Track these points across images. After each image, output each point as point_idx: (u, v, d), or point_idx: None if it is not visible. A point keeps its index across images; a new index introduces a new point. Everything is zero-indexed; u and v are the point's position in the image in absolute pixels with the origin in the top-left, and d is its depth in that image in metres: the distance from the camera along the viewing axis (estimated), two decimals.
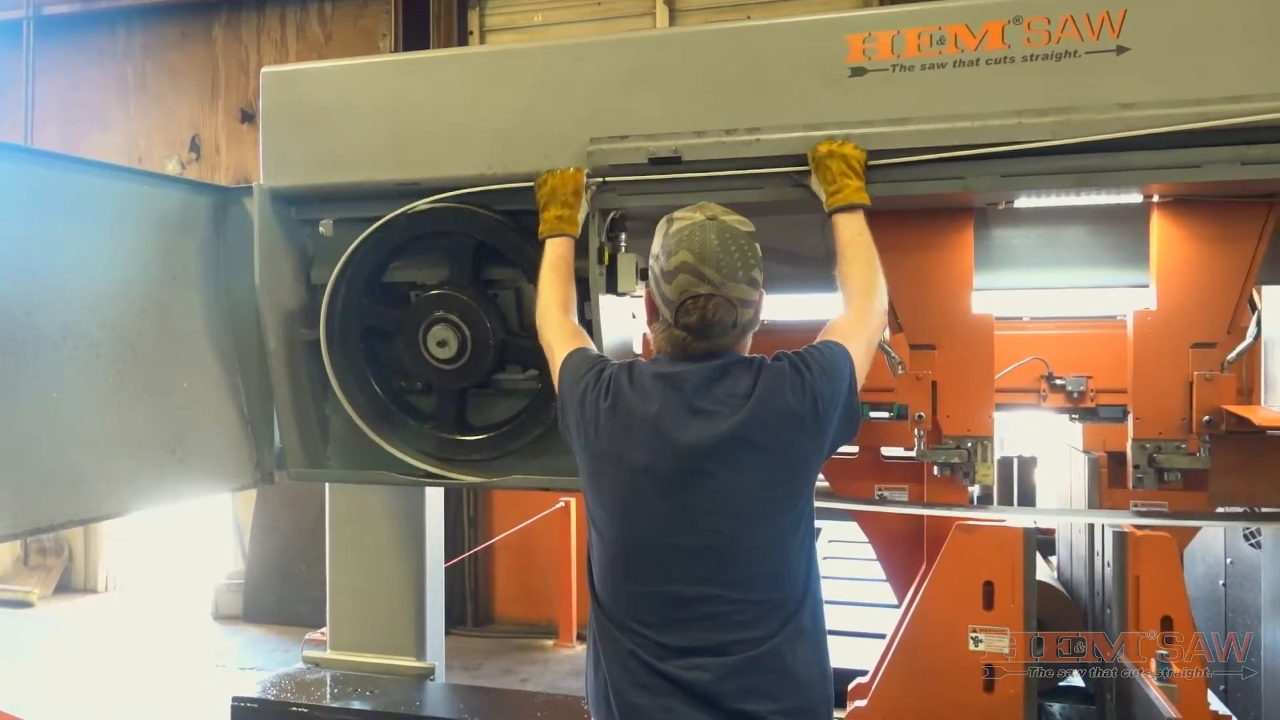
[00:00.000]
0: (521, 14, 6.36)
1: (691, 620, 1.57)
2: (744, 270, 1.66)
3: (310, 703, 2.80)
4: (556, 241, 2.23)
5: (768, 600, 1.58)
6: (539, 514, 6.07)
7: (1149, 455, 2.32)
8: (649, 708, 1.57)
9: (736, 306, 1.65)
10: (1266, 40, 1.99)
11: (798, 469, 1.61)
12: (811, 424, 1.60)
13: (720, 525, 1.58)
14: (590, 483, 1.72)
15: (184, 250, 2.65)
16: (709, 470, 1.57)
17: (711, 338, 1.66)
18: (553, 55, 2.50)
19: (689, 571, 1.58)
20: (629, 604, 1.63)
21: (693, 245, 1.66)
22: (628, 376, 1.70)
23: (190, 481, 2.61)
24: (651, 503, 1.60)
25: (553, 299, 2.11)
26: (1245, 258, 2.27)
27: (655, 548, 1.61)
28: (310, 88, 2.64)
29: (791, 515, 1.61)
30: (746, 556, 1.58)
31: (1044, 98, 2.09)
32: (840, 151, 2.08)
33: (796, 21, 2.33)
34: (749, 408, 1.58)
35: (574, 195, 2.26)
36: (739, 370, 1.64)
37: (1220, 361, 2.29)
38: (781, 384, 1.60)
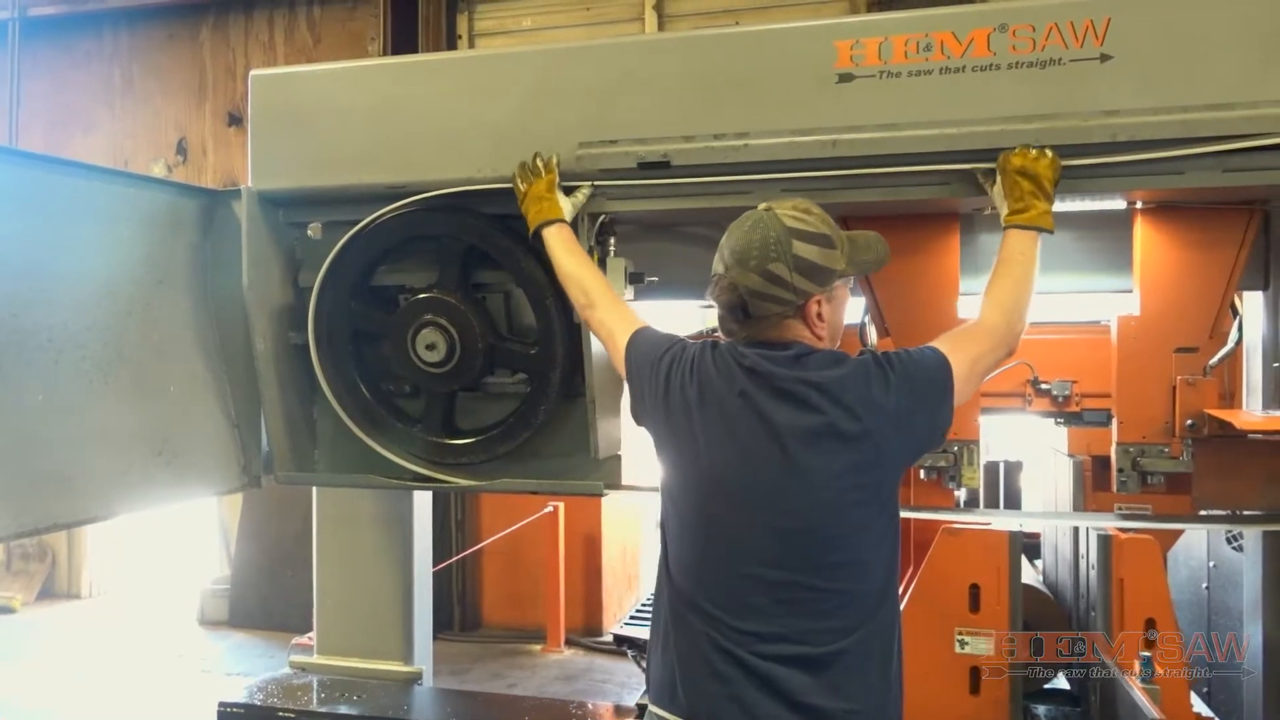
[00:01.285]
0: (511, 18, 6.36)
1: (769, 606, 1.57)
2: (758, 261, 1.66)
3: (297, 707, 2.79)
4: (554, 229, 2.24)
5: (847, 592, 1.58)
6: (527, 518, 6.07)
7: (1132, 459, 2.34)
8: (718, 695, 1.56)
9: (743, 294, 1.67)
10: (1248, 49, 2.02)
11: (878, 462, 1.61)
12: (894, 420, 1.60)
13: (802, 509, 1.58)
14: (672, 462, 1.72)
15: (171, 253, 2.64)
16: (793, 453, 1.57)
17: (733, 320, 1.71)
18: (543, 59, 2.51)
19: (768, 555, 1.58)
20: (705, 586, 1.63)
21: (731, 230, 1.75)
22: (712, 355, 1.72)
23: (177, 485, 2.60)
24: (734, 485, 1.61)
25: (593, 283, 2.11)
26: (1227, 264, 2.30)
27: (736, 529, 1.61)
28: (300, 90, 2.64)
29: (873, 509, 1.61)
30: (827, 544, 1.58)
31: (1029, 105, 2.10)
32: (1033, 169, 1.97)
33: (785, 28, 2.35)
34: (834, 395, 1.59)
35: (548, 190, 2.29)
36: (816, 358, 1.65)
37: (1202, 366, 2.31)
38: (867, 377, 1.61)
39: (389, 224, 2.55)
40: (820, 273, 1.69)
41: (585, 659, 5.92)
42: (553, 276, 2.48)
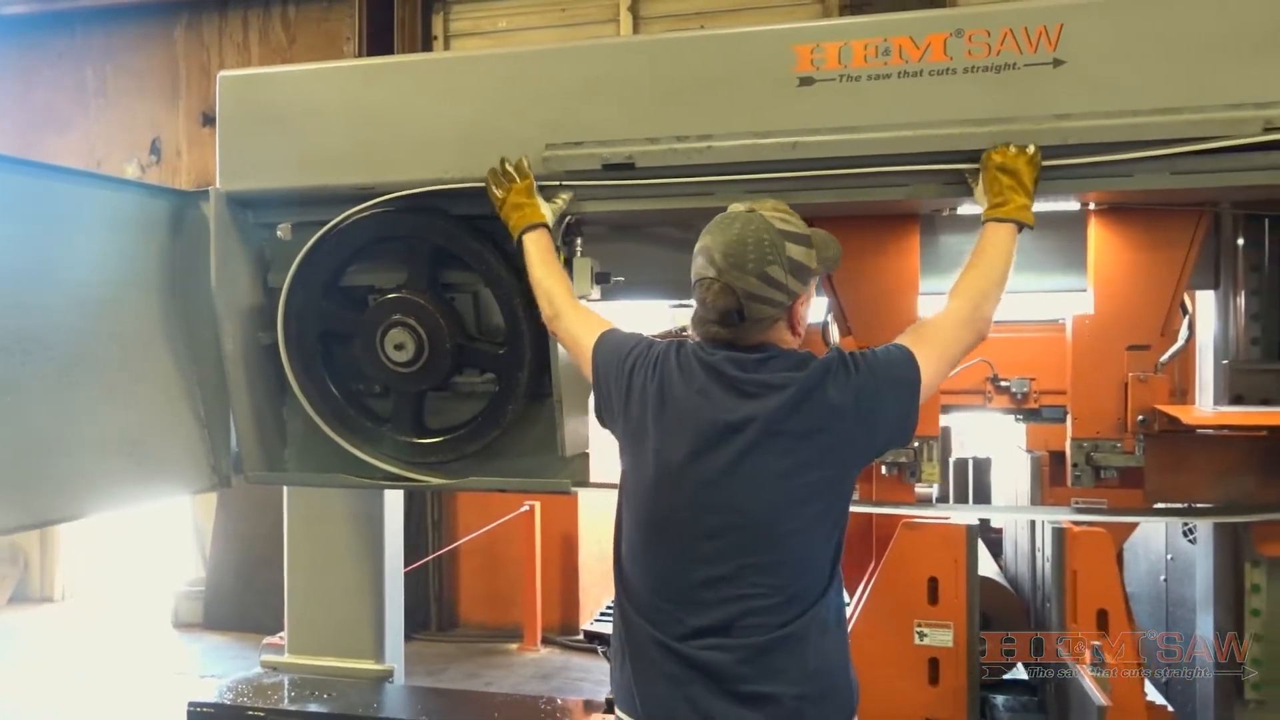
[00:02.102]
0: (486, 19, 6.38)
1: (714, 601, 1.60)
2: (755, 264, 1.66)
3: (267, 706, 2.80)
4: (533, 235, 2.25)
5: (790, 587, 1.60)
6: (503, 518, 6.08)
7: (1086, 454, 2.40)
8: (669, 696, 1.60)
9: (740, 297, 1.66)
10: (1194, 56, 2.08)
11: (831, 462, 1.63)
12: (851, 420, 1.62)
13: (748, 507, 1.60)
14: (629, 458, 1.75)
15: (141, 254, 2.65)
16: (742, 452, 1.60)
17: (725, 325, 1.68)
18: (510, 62, 2.54)
19: (715, 551, 1.60)
20: (653, 580, 1.66)
21: (715, 230, 1.73)
22: (675, 356, 1.73)
23: (146, 485, 2.61)
24: (683, 480, 1.63)
25: (558, 291, 2.13)
26: (1177, 264, 2.36)
27: (683, 524, 1.63)
28: (268, 92, 2.65)
29: (821, 506, 1.63)
30: (772, 541, 1.60)
31: (984, 108, 2.15)
32: (1013, 166, 2.00)
33: (747, 32, 2.39)
34: (788, 395, 1.61)
35: (527, 195, 2.30)
36: (780, 360, 1.67)
37: (1154, 363, 2.38)
38: (825, 377, 1.63)
39: (358, 225, 2.57)
40: (804, 272, 1.72)
41: (562, 657, 5.94)
42: (521, 277, 2.51)
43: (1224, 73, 2.06)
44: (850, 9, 5.71)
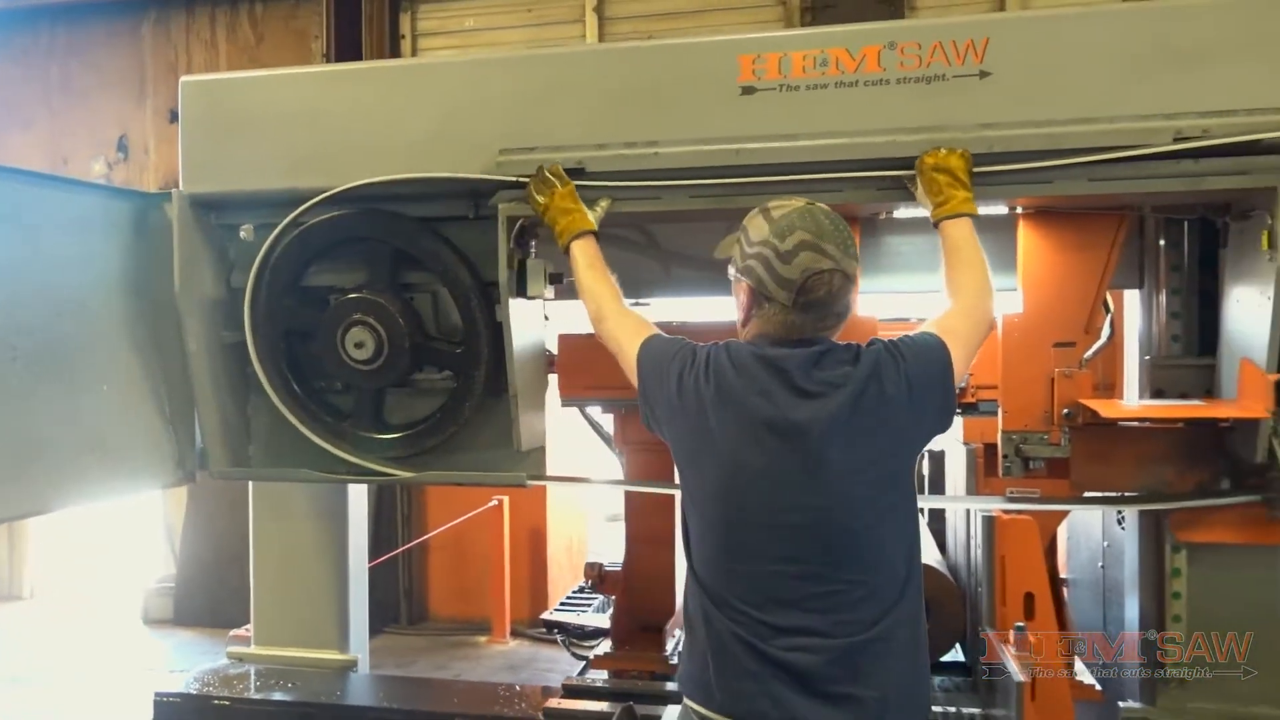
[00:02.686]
0: (453, 18, 6.43)
1: (796, 600, 1.60)
2: (853, 249, 1.71)
3: (232, 695, 2.88)
4: (580, 244, 2.23)
5: (871, 581, 1.61)
6: (472, 512, 6.16)
7: (1015, 445, 2.52)
8: (753, 693, 1.59)
9: (852, 283, 1.71)
10: (1111, 69, 2.20)
11: (895, 451, 1.67)
12: (907, 408, 1.65)
13: (823, 504, 1.61)
14: (690, 462, 1.73)
15: (105, 255, 2.70)
16: (812, 449, 1.60)
17: (830, 314, 1.70)
18: (466, 70, 2.63)
19: (794, 550, 1.61)
20: (731, 582, 1.64)
21: (808, 225, 1.70)
22: (729, 358, 1.71)
23: (112, 480, 2.67)
24: (756, 481, 1.63)
25: (604, 297, 2.09)
26: (1100, 264, 2.49)
27: (760, 526, 1.63)
28: (231, 97, 2.72)
29: (892, 497, 1.66)
30: (849, 536, 1.61)
31: (915, 117, 2.27)
32: (946, 164, 2.10)
33: (692, 42, 2.49)
34: (850, 390, 1.63)
35: (573, 200, 2.29)
36: (837, 354, 1.68)
37: (1078, 359, 2.50)
38: (880, 368, 1.65)
39: (320, 226, 2.65)
40: None
41: (530, 649, 6.03)
42: (476, 277, 2.61)
43: (1138, 86, 2.18)
44: (811, 11, 5.82)
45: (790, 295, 1.69)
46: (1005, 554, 2.45)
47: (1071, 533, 3.62)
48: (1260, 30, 2.15)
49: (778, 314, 1.71)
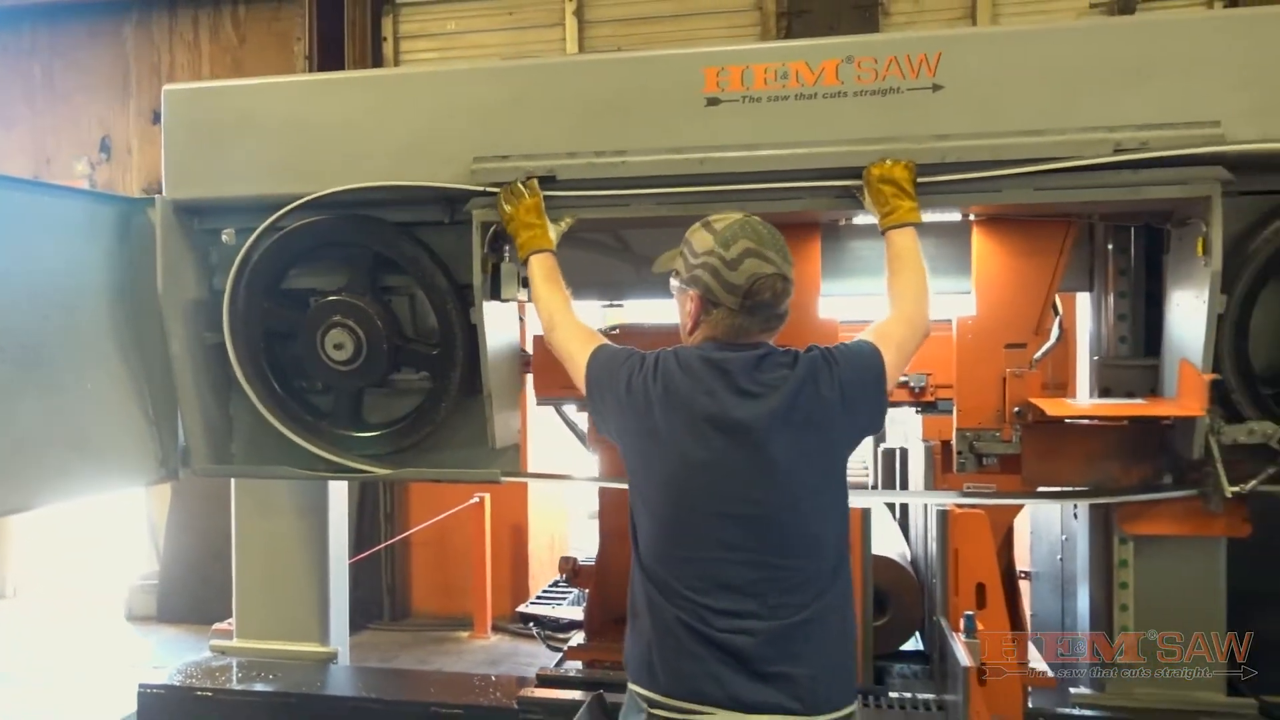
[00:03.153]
0: (435, 21, 6.49)
1: (736, 585, 1.70)
2: (789, 256, 1.83)
3: (215, 687, 2.96)
4: (539, 258, 2.34)
5: (806, 568, 1.72)
6: (454, 509, 6.23)
7: (969, 442, 2.64)
8: (694, 674, 1.69)
9: (792, 286, 1.82)
10: (1056, 83, 2.31)
11: (828, 448, 1.78)
12: (839, 410, 1.76)
13: (762, 496, 1.71)
14: (640, 460, 1.83)
15: (89, 258, 2.77)
16: (753, 445, 1.71)
17: (774, 316, 1.81)
18: (441, 80, 2.72)
19: (735, 538, 1.71)
20: (677, 570, 1.74)
21: (749, 235, 1.81)
22: (676, 361, 1.81)
23: (95, 477, 2.74)
24: (700, 475, 1.73)
25: (556, 308, 2.19)
26: (1049, 269, 2.60)
27: (704, 516, 1.73)
28: (213, 105, 2.80)
29: (825, 490, 1.78)
30: (786, 526, 1.72)
31: (872, 128, 2.37)
32: (891, 175, 2.22)
33: (658, 55, 2.59)
34: (787, 390, 1.73)
35: (537, 215, 2.41)
36: (777, 358, 1.79)
37: (1029, 360, 2.62)
38: (816, 372, 1.77)
39: (300, 231, 2.73)
40: None
41: (511, 644, 6.11)
42: (452, 281, 2.70)
43: (1081, 100, 2.30)
44: (787, 16, 5.92)
45: (738, 300, 1.79)
46: (958, 546, 2.56)
47: (1033, 527, 3.73)
48: (1196, 49, 2.27)
49: (726, 318, 1.81)
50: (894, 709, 2.59)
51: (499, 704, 2.82)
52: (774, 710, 1.66)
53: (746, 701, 1.67)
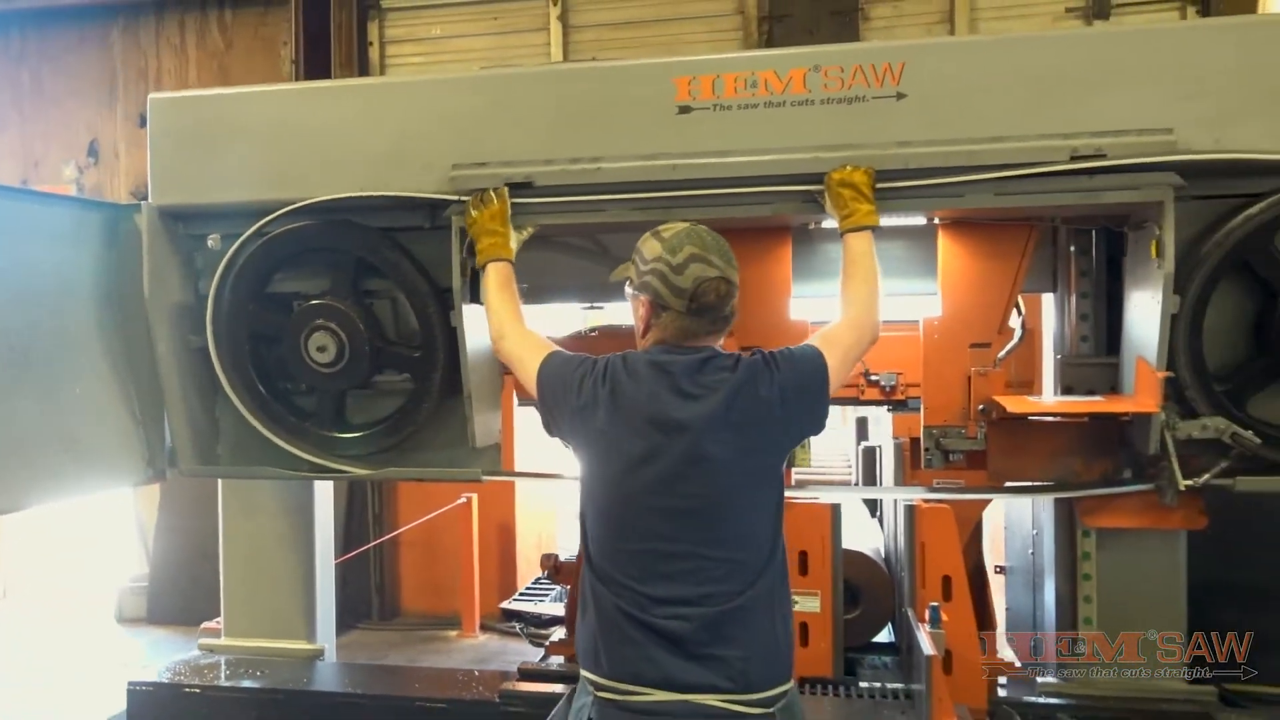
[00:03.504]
0: (421, 26, 6.54)
1: (673, 574, 1.79)
2: (733, 261, 1.91)
3: (203, 683, 3.01)
4: (495, 266, 2.41)
5: (738, 559, 1.80)
6: (442, 509, 6.29)
7: (936, 439, 2.72)
8: (634, 658, 1.78)
9: (735, 289, 1.91)
10: (1016, 92, 2.39)
11: (765, 447, 1.85)
12: (779, 411, 1.83)
13: (699, 490, 1.80)
14: (589, 459, 1.92)
15: (77, 263, 2.83)
16: (691, 443, 1.79)
17: (719, 317, 1.89)
18: (422, 89, 2.78)
19: (673, 531, 1.80)
20: (620, 561, 1.84)
21: (694, 241, 1.90)
22: (623, 365, 1.90)
23: (84, 477, 2.80)
24: (642, 471, 1.82)
25: (507, 317, 2.26)
26: (1011, 271, 2.68)
27: (644, 510, 1.82)
28: (198, 113, 2.85)
29: (761, 487, 1.85)
30: (721, 519, 1.80)
31: (838, 135, 2.45)
32: (851, 179, 2.31)
33: (632, 64, 2.66)
34: (725, 393, 1.81)
35: (501, 223, 2.49)
36: (719, 362, 1.87)
37: (993, 359, 2.70)
38: (755, 375, 1.84)
39: (284, 237, 2.79)
40: None
41: (499, 643, 6.16)
42: (433, 285, 2.77)
43: (1039, 108, 2.37)
44: (768, 21, 6.00)
45: (684, 302, 1.88)
46: (924, 540, 2.64)
47: (1007, 523, 3.82)
48: (1150, 59, 2.35)
49: (674, 320, 1.90)
50: (863, 698, 2.66)
51: (482, 698, 2.88)
52: (707, 690, 1.75)
53: (681, 682, 1.76)
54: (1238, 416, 2.42)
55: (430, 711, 2.86)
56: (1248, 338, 2.46)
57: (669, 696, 1.76)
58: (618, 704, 1.79)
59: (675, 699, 1.76)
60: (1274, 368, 2.43)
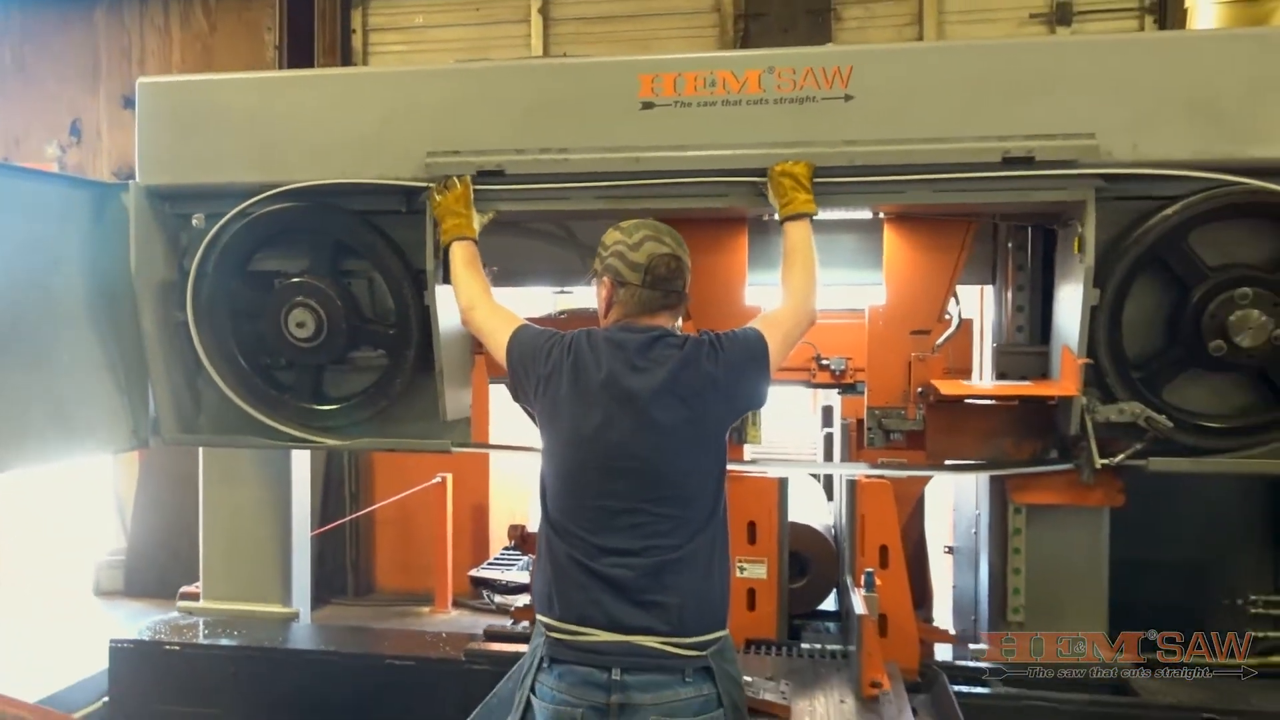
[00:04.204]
0: (403, 15, 6.67)
1: (620, 527, 1.98)
2: (683, 244, 2.13)
3: (183, 641, 3.16)
4: (460, 245, 2.60)
5: (679, 516, 1.98)
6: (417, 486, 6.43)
7: (878, 420, 2.91)
8: (583, 602, 1.97)
9: (685, 267, 2.12)
10: (955, 96, 2.57)
11: (708, 417, 2.03)
12: (722, 386, 2.02)
13: (645, 454, 1.98)
14: (550, 424, 2.10)
15: (65, 239, 2.95)
16: (640, 411, 1.98)
17: (671, 291, 2.10)
18: (400, 80, 2.92)
19: (620, 489, 1.98)
20: (573, 515, 2.03)
21: (648, 227, 2.14)
22: (586, 339, 2.09)
23: (70, 443, 2.93)
24: (597, 437, 2.00)
25: (475, 291, 2.44)
26: (950, 263, 2.87)
27: (596, 469, 2.00)
28: (185, 98, 2.98)
29: (703, 454, 2.03)
30: (664, 480, 1.98)
31: (789, 133, 2.62)
32: (791, 170, 2.49)
33: (599, 62, 2.83)
34: (672, 367, 2.00)
35: (465, 206, 2.67)
36: (669, 340, 2.06)
37: (932, 345, 2.89)
38: (700, 352, 2.03)
39: (265, 218, 2.93)
40: None
41: (471, 618, 6.32)
42: (407, 266, 2.92)
43: (975, 112, 2.55)
44: (745, 19, 6.17)
45: (641, 275, 2.10)
46: (864, 512, 2.83)
47: (956, 504, 4.02)
48: (1077, 69, 2.53)
49: (632, 294, 2.11)
50: (804, 658, 2.85)
51: (449, 656, 3.05)
52: (646, 631, 1.94)
53: (624, 624, 1.94)
54: (1153, 402, 2.61)
55: (400, 669, 3.03)
56: (1163, 329, 2.65)
57: (612, 637, 1.94)
58: (566, 643, 1.98)
59: (618, 639, 1.94)
60: (1186, 357, 2.62)
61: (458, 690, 2.93)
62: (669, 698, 1.92)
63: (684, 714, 1.92)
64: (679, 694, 1.93)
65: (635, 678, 1.93)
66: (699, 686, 1.95)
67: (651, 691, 1.92)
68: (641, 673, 1.93)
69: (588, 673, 1.95)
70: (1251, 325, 2.49)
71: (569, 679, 1.97)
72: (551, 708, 1.97)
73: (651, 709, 1.91)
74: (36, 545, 7.74)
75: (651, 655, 1.93)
